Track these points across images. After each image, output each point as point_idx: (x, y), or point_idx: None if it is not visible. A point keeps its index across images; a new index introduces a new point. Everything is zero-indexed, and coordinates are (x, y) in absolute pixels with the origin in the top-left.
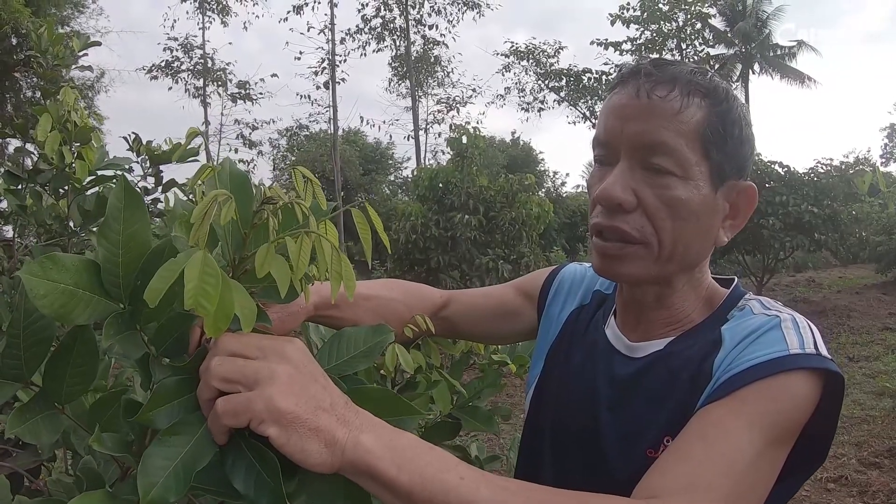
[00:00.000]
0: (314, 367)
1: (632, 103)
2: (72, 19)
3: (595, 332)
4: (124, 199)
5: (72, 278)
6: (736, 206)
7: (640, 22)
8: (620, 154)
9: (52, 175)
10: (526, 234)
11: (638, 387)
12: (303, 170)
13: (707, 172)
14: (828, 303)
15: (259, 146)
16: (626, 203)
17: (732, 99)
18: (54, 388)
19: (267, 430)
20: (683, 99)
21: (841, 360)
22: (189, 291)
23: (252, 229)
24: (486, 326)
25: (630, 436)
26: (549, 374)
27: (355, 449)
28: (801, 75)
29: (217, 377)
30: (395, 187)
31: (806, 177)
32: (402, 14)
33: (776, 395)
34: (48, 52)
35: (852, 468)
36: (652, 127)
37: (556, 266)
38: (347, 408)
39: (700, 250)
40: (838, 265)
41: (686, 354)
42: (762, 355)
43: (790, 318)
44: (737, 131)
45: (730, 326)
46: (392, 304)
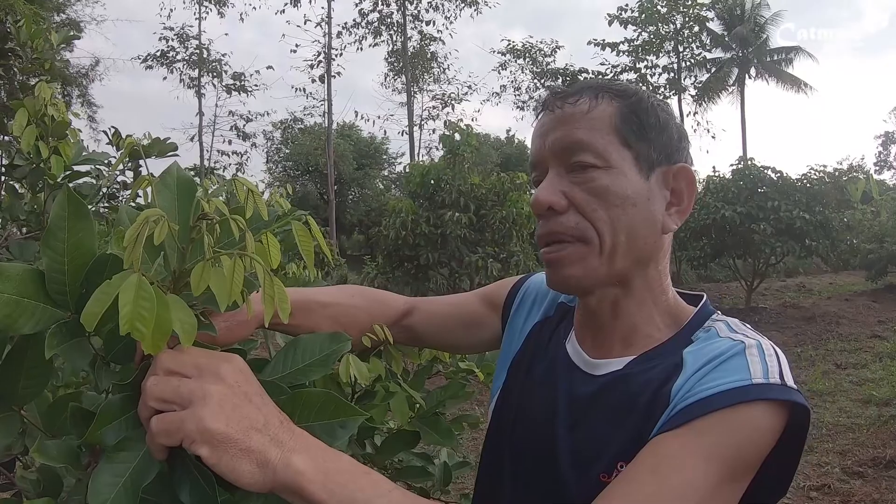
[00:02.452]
0: (250, 386)
1: (547, 119)
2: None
3: (556, 346)
4: (68, 208)
5: (15, 288)
6: (678, 192)
7: (638, 23)
8: (548, 166)
9: (28, 170)
10: (516, 233)
11: (596, 407)
12: (244, 180)
13: (631, 160)
14: (817, 309)
15: (253, 138)
16: (555, 204)
17: (643, 93)
18: (9, 391)
19: (199, 450)
20: (592, 101)
21: (829, 366)
22: (124, 317)
23: (191, 244)
24: (450, 335)
25: (585, 458)
26: (511, 387)
27: (286, 470)
28: (797, 81)
29: (152, 397)
30: (389, 182)
31: (798, 183)
32: (400, 9)
33: (735, 428)
34: (27, 46)
35: (835, 477)
36: (567, 130)
37: (523, 276)
38: (282, 427)
39: (647, 239)
40: (829, 271)
41: (645, 377)
42: (723, 384)
43: (755, 345)
44: (652, 119)
45: (692, 350)
46: (352, 311)
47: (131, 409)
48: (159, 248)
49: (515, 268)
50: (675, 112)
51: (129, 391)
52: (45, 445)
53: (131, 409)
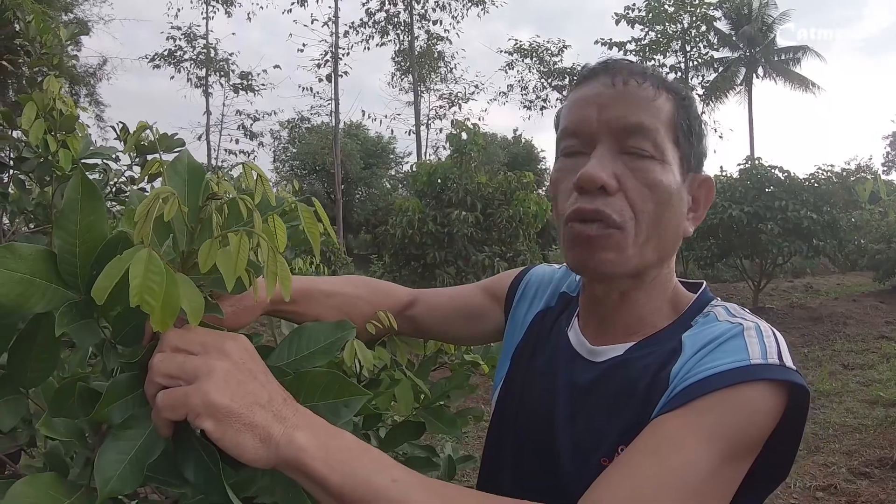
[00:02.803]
0: (255, 364)
1: (607, 91)
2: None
3: (558, 335)
4: (81, 191)
5: (28, 268)
6: (697, 199)
7: (645, 23)
8: (597, 141)
9: (36, 164)
10: (523, 232)
11: (596, 394)
12: (254, 166)
13: (678, 161)
14: (825, 309)
15: (260, 137)
16: (609, 185)
17: (692, 97)
18: (18, 373)
19: (203, 424)
20: (655, 89)
21: (836, 367)
22: (134, 289)
23: (199, 224)
24: (452, 327)
25: (586, 444)
26: (514, 377)
27: (289, 446)
28: (805, 80)
29: (159, 373)
30: (396, 181)
31: (806, 182)
32: (407, 8)
33: (735, 407)
34: (36, 42)
35: (842, 477)
36: (631, 111)
37: (524, 267)
38: (286, 405)
39: (672, 239)
40: (836, 272)
41: (645, 362)
42: (721, 364)
43: (754, 327)
44: (697, 127)
45: (691, 333)
46: (355, 301)
47: (138, 388)
48: (169, 230)
49: (522, 266)
50: None
51: (136, 370)
52: (53, 422)
53: (138, 388)
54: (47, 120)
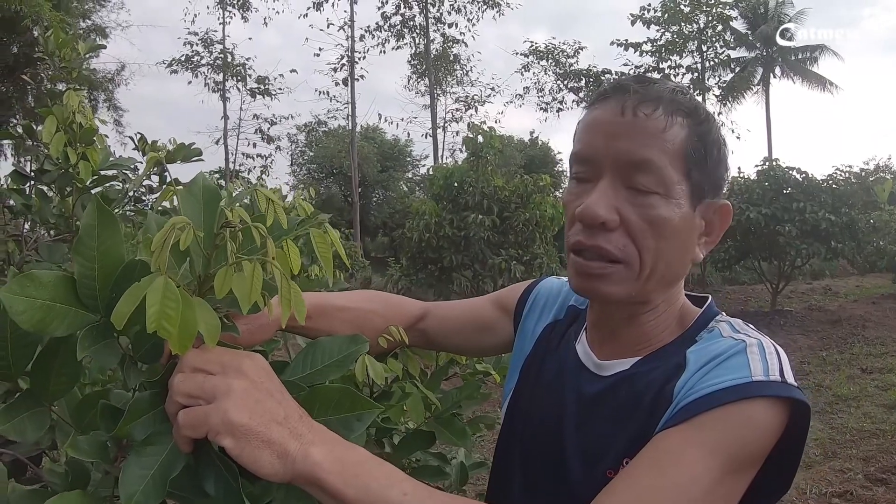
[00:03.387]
0: (271, 382)
1: (616, 120)
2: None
3: (566, 348)
4: (98, 218)
5: (49, 294)
6: (711, 224)
7: (661, 23)
8: (603, 171)
9: (57, 175)
10: (540, 235)
11: (603, 406)
12: (265, 191)
13: (688, 191)
14: (843, 312)
15: (277, 141)
16: (609, 222)
17: (712, 120)
18: (41, 388)
19: (222, 441)
20: (668, 118)
21: (854, 371)
22: (151, 316)
23: (214, 249)
24: (462, 339)
25: (592, 455)
26: (522, 389)
27: (305, 461)
28: (823, 80)
29: (179, 393)
30: (413, 184)
31: (824, 183)
32: (422, 12)
33: (736, 423)
34: (55, 55)
35: (858, 483)
36: (638, 145)
37: (534, 280)
38: (301, 422)
39: (679, 268)
40: (855, 274)
41: (650, 376)
42: (724, 381)
43: (756, 343)
44: (715, 151)
45: (695, 349)
46: (368, 315)
47: (159, 405)
48: (185, 254)
49: (539, 270)
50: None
51: (157, 388)
52: (77, 441)
53: (159, 405)
54: (67, 133)
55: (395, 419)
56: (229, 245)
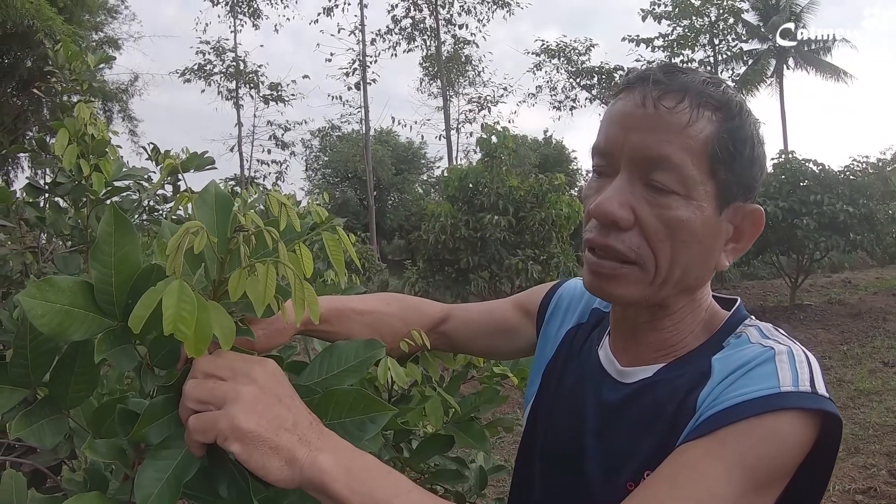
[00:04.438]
0: (281, 388)
1: (637, 112)
2: (105, 24)
3: (589, 353)
4: (114, 225)
5: (67, 299)
6: (740, 230)
7: (672, 17)
8: (621, 166)
9: (71, 187)
10: (556, 234)
11: (624, 415)
12: (278, 195)
13: (713, 193)
14: (863, 305)
15: (292, 147)
16: (622, 221)
17: (746, 114)
18: (59, 395)
19: (230, 447)
20: (693, 111)
21: (876, 364)
22: (168, 319)
23: (228, 254)
24: (484, 342)
25: (613, 465)
26: (544, 394)
27: (312, 468)
28: (837, 70)
29: (191, 399)
30: (428, 186)
31: (841, 175)
32: (432, 14)
33: (761, 438)
34: (65, 68)
35: (882, 479)
36: (656, 140)
37: (556, 282)
38: (311, 428)
39: (700, 275)
40: (875, 266)
41: (673, 384)
42: (750, 392)
43: (786, 351)
44: (747, 150)
45: (721, 357)
46: (387, 318)
47: (173, 410)
48: (200, 259)
49: (556, 269)
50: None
51: (171, 392)
52: (95, 444)
53: (173, 410)
54: (80, 145)
55: (414, 422)
56: (242, 248)
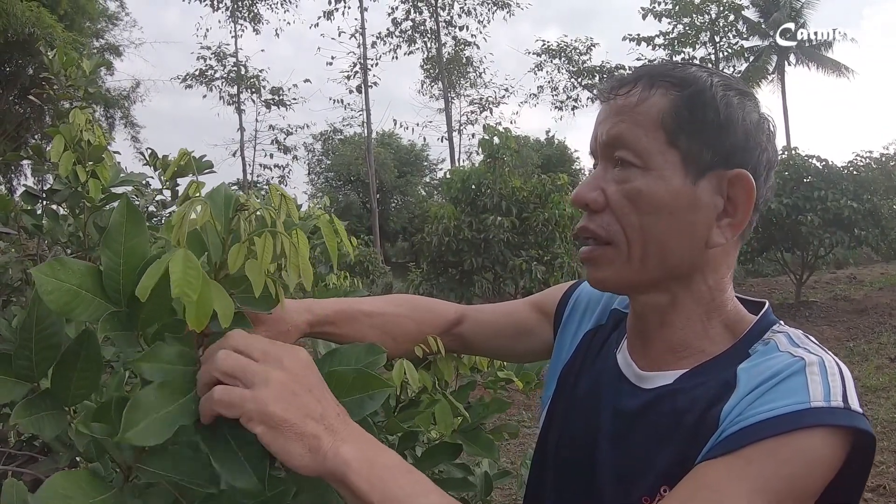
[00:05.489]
0: (311, 378)
1: (602, 109)
2: (106, 31)
3: (607, 356)
4: (126, 216)
5: (76, 280)
6: (733, 200)
7: (673, 15)
8: (597, 160)
9: (68, 194)
10: (559, 234)
11: (641, 423)
12: (279, 187)
13: (677, 162)
14: (869, 301)
15: (294, 151)
16: (591, 202)
17: (704, 83)
18: (61, 391)
19: (254, 428)
20: (644, 92)
21: (882, 360)
22: (175, 282)
23: (229, 234)
24: (500, 343)
25: (627, 476)
26: (559, 397)
27: (335, 458)
28: (838, 65)
29: (220, 369)
30: (431, 188)
31: (845, 170)
32: (433, 16)
33: (788, 458)
34: (60, 75)
35: (891, 477)
36: (613, 123)
37: (574, 282)
38: (338, 419)
39: (684, 252)
40: (880, 261)
41: (694, 394)
42: (778, 407)
43: (818, 362)
44: (711, 115)
45: (747, 366)
46: (398, 319)
47: (187, 364)
48: (203, 248)
49: (559, 270)
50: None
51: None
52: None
53: (187, 364)
54: (76, 151)
55: (423, 426)
56: (243, 225)
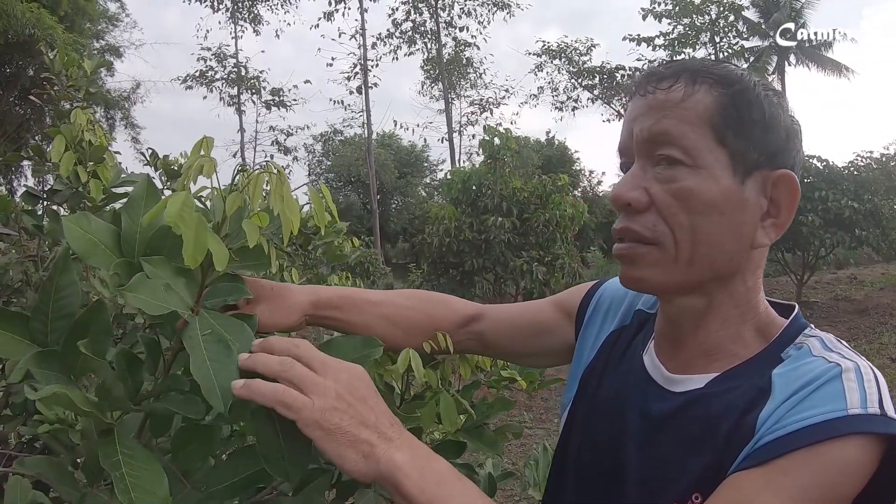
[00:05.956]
0: (365, 390)
1: (638, 104)
2: (106, 33)
3: (633, 357)
4: (147, 190)
5: (97, 234)
6: (777, 202)
7: (673, 16)
8: (634, 156)
9: (69, 194)
10: (560, 235)
11: (671, 428)
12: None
13: (726, 161)
14: (870, 301)
15: (294, 152)
16: (634, 201)
17: (747, 81)
18: (70, 359)
19: (311, 434)
20: (688, 87)
21: (883, 360)
22: (170, 213)
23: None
24: (520, 343)
25: (656, 481)
26: (581, 399)
27: (388, 462)
28: (838, 65)
29: (282, 376)
30: (432, 189)
31: (845, 171)
32: (433, 17)
33: (826, 466)
34: (61, 75)
35: None
36: (655, 119)
37: (597, 281)
38: (392, 427)
39: (732, 253)
40: (881, 261)
41: (728, 399)
42: (815, 415)
43: (853, 368)
44: (757, 115)
45: (782, 371)
46: (407, 311)
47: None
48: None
49: (560, 271)
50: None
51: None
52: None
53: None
54: (77, 151)
55: (428, 423)
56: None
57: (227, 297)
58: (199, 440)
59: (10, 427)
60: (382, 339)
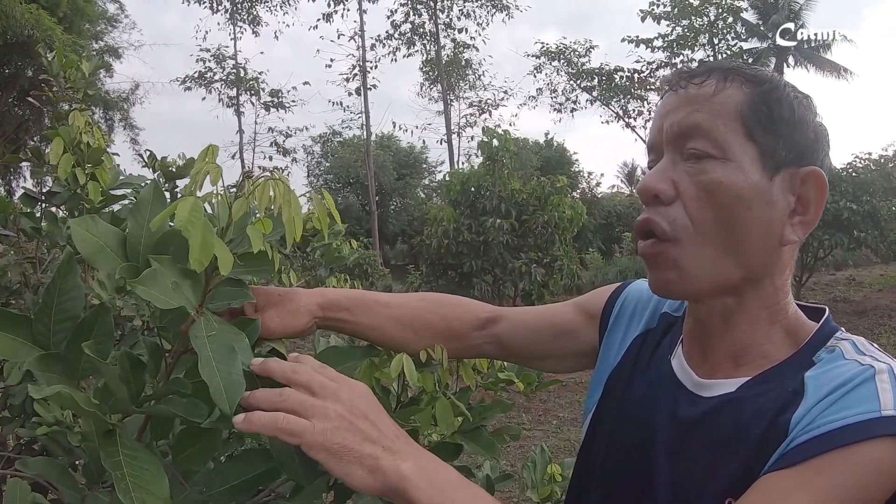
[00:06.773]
0: (366, 406)
1: (669, 100)
2: (105, 34)
3: (660, 362)
4: (153, 195)
5: (103, 237)
6: (805, 199)
7: (671, 18)
8: (663, 151)
9: (67, 196)
10: (559, 237)
11: (702, 433)
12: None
13: (755, 156)
14: (869, 302)
15: (293, 153)
16: (661, 193)
17: (778, 81)
18: (73, 361)
19: (316, 456)
20: (720, 83)
21: None
22: (179, 217)
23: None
24: (540, 346)
25: (686, 490)
26: (606, 405)
27: (395, 474)
28: (837, 67)
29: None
30: (430, 191)
31: (844, 172)
32: (432, 18)
33: (859, 467)
34: (60, 77)
35: None
36: (686, 113)
37: (621, 283)
38: (397, 440)
39: (759, 250)
40: (879, 262)
41: (760, 402)
42: (848, 417)
43: (887, 370)
44: (786, 113)
45: (815, 374)
46: (420, 313)
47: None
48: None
49: (559, 272)
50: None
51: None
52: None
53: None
54: (75, 153)
55: (424, 427)
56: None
57: (230, 301)
58: (200, 443)
59: (9, 429)
60: (393, 340)
